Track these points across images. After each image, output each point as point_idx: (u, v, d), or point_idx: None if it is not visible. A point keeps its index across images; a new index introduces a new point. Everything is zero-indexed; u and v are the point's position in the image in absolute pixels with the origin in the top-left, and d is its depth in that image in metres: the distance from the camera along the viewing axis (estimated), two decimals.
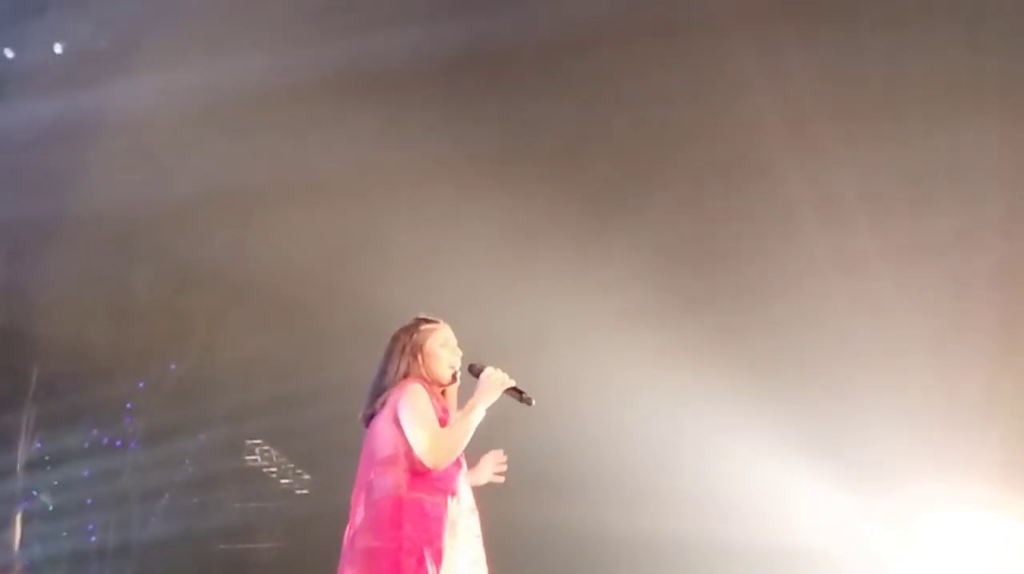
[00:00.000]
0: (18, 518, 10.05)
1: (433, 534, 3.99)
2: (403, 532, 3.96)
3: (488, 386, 4.12)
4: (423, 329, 4.29)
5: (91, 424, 10.56)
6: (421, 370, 4.22)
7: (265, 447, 10.92)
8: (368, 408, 4.22)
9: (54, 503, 10.36)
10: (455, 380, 4.28)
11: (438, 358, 4.25)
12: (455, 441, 4.04)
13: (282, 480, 11.06)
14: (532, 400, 4.18)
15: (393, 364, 4.23)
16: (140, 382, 10.55)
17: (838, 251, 8.77)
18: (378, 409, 4.17)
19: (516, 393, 4.18)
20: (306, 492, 11.01)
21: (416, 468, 4.02)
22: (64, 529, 10.37)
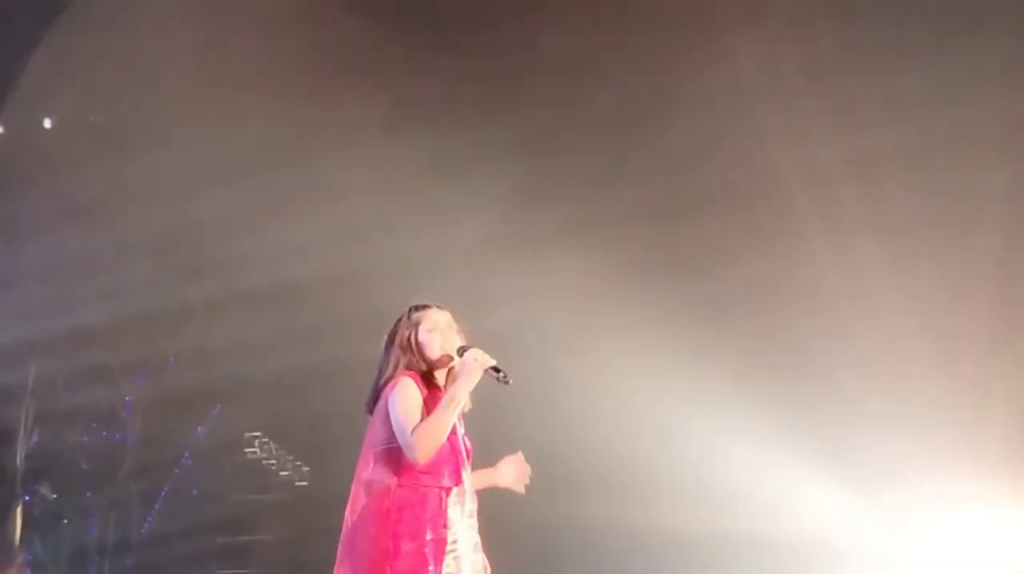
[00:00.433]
0: (18, 512, 10.04)
1: (430, 526, 3.99)
2: (400, 526, 3.96)
3: (466, 371, 4.08)
4: (413, 318, 4.27)
5: (89, 418, 10.55)
6: (417, 361, 4.20)
7: (264, 439, 10.91)
8: (370, 403, 4.23)
9: (53, 498, 10.35)
10: (453, 361, 4.23)
11: (428, 344, 4.21)
12: (437, 432, 4.00)
13: (281, 472, 11.04)
14: (509, 379, 4.10)
15: (388, 359, 4.22)
16: (138, 376, 10.55)
17: (838, 250, 8.76)
18: (378, 404, 4.17)
19: (494, 372, 4.11)
20: (305, 484, 11.00)
21: (408, 461, 4.01)
22: (64, 523, 10.36)
